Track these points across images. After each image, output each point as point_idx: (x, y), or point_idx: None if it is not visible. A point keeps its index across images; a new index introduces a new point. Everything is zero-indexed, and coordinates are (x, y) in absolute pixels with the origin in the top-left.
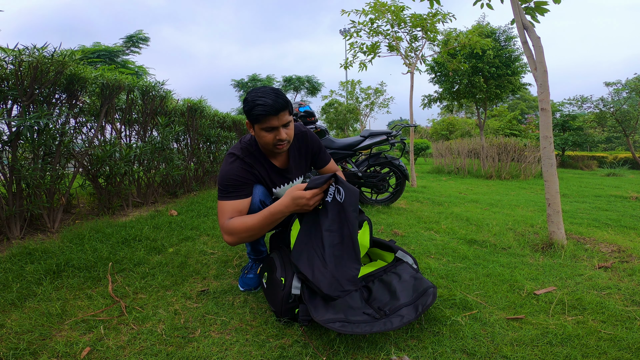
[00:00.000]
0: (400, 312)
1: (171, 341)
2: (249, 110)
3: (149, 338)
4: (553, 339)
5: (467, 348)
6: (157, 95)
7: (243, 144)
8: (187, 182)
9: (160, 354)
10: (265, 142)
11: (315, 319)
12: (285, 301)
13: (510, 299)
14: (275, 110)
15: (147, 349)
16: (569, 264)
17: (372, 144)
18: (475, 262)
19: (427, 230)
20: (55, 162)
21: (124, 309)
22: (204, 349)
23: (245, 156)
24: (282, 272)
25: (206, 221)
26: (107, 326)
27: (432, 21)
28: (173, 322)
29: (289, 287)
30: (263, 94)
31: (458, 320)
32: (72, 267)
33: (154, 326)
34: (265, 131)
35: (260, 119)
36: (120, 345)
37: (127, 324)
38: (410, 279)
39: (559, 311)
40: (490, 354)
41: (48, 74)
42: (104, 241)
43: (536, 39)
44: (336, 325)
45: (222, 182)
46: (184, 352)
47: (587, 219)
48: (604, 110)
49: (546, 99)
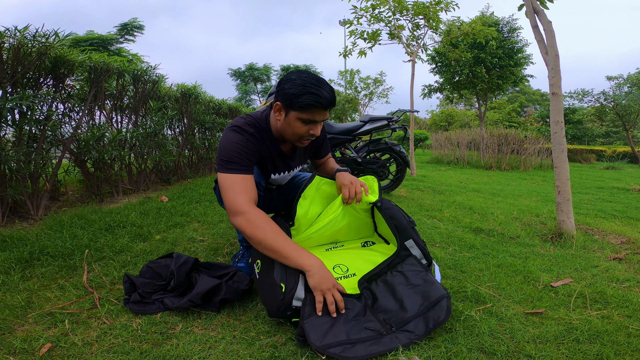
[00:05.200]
0: (407, 327)
1: (147, 337)
2: (298, 95)
3: (122, 334)
4: (580, 335)
5: (485, 346)
6: (149, 80)
7: (251, 119)
8: (181, 169)
9: (133, 352)
10: (295, 132)
11: (312, 345)
12: (282, 310)
13: (525, 291)
14: (327, 104)
15: (117, 346)
16: (581, 254)
17: (373, 129)
18: (483, 251)
19: (430, 218)
20: (40, 146)
21: (97, 301)
22: (184, 347)
23: (255, 132)
24: (282, 275)
25: (198, 207)
26: (75, 320)
27: (435, 9)
28: (151, 316)
29: (289, 296)
30: (318, 83)
31: (472, 315)
32: (46, 256)
33: (129, 320)
34: (302, 122)
35: (306, 109)
36: (87, 342)
37: (99, 317)
38: (419, 282)
39: (580, 305)
40: (511, 352)
41: (30, 56)
42: (86, 228)
43: (547, 23)
44: (337, 350)
45: (230, 152)
46: (160, 351)
47: (593, 210)
48: (605, 104)
49: (557, 83)
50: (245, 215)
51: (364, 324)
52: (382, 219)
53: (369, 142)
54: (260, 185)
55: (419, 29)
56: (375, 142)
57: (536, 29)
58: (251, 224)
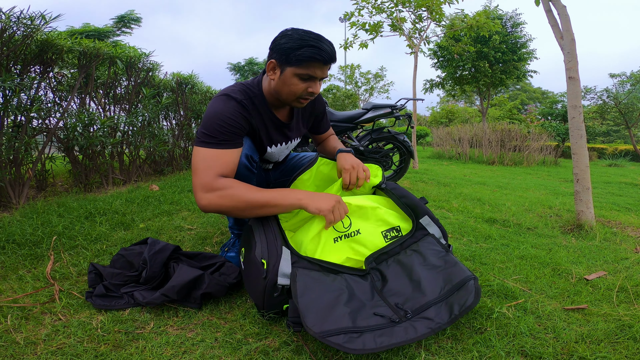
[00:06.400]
0: (426, 314)
1: (107, 338)
2: (295, 48)
3: (77, 332)
4: (635, 333)
5: (526, 348)
6: (143, 67)
7: (240, 85)
8: (176, 160)
9: (86, 354)
10: (292, 91)
11: (309, 331)
12: (268, 294)
13: (559, 285)
14: (328, 58)
15: (68, 347)
16: (607, 246)
17: (375, 116)
18: (502, 242)
19: (438, 208)
20: (23, 132)
21: (56, 294)
22: (152, 351)
23: (244, 99)
24: (262, 251)
25: (189, 196)
26: (25, 315)
27: (438, 2)
28: (117, 312)
29: (273, 273)
30: (317, 37)
31: (504, 312)
32: (12, 244)
33: (90, 317)
34: (300, 78)
35: (304, 62)
36: (31, 341)
37: (55, 313)
38: (439, 263)
39: (623, 300)
40: (559, 355)
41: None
42: (64, 215)
43: (561, 7)
44: (340, 340)
45: (211, 124)
46: (119, 354)
47: (607, 203)
48: (607, 102)
49: (574, 67)
50: (214, 192)
51: (372, 309)
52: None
53: (371, 130)
54: (252, 159)
55: (421, 21)
56: (378, 130)
57: (550, 13)
58: (223, 197)
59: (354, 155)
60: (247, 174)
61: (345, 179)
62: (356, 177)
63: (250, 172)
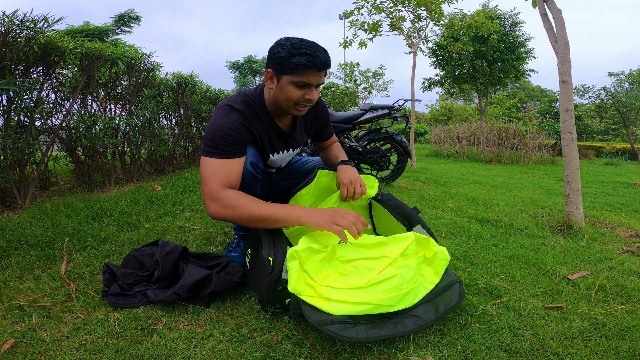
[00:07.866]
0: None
1: (125, 334)
2: (289, 57)
3: (96, 329)
4: (608, 331)
5: (505, 344)
6: (144, 68)
7: (243, 96)
8: (176, 159)
9: (107, 349)
10: (289, 97)
11: (309, 320)
12: (273, 287)
13: (542, 284)
14: (322, 65)
15: (90, 343)
16: (593, 247)
17: (373, 117)
18: (492, 242)
19: (433, 208)
20: (28, 133)
21: (73, 293)
22: (166, 345)
23: (246, 109)
24: (269, 250)
25: (191, 196)
26: (46, 314)
27: (437, 1)
28: (132, 310)
29: (278, 269)
30: (310, 45)
31: (488, 309)
32: (25, 245)
33: (107, 315)
34: (295, 86)
35: (297, 70)
36: (55, 338)
37: (73, 311)
38: None
39: (602, 299)
40: (535, 350)
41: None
42: (72, 216)
43: (556, 11)
44: (335, 328)
45: (214, 136)
46: (138, 349)
47: (599, 203)
48: (605, 101)
49: (567, 71)
50: (219, 202)
51: None
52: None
53: (369, 131)
54: (257, 166)
55: (420, 20)
56: (376, 131)
57: (545, 17)
58: (228, 208)
59: (354, 167)
60: (252, 180)
61: (343, 192)
62: (353, 191)
63: (255, 179)
